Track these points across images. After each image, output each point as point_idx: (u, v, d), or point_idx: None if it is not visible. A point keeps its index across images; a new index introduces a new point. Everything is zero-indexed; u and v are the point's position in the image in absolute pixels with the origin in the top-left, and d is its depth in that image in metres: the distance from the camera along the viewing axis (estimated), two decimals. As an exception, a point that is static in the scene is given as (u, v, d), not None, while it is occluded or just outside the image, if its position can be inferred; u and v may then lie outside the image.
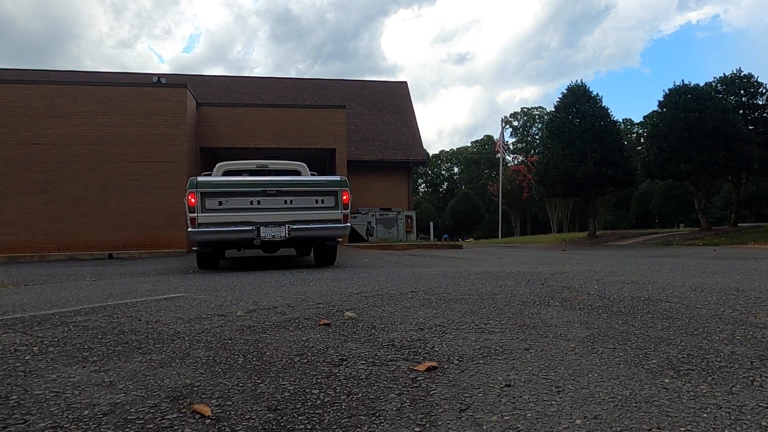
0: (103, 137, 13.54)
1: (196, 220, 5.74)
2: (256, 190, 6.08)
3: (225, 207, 5.90)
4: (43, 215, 13.19)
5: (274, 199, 6.09)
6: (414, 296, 3.01)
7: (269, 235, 5.95)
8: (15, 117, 13.26)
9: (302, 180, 6.60)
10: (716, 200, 38.16)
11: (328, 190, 6.34)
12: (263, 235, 5.92)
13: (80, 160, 13.41)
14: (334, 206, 6.29)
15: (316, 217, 6.20)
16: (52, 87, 13.90)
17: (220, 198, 5.90)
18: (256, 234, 5.89)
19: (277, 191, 6.11)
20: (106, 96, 13.82)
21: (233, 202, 5.97)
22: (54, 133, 13.41)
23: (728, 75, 22.62)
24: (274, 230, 6.00)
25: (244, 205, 6.01)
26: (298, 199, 6.20)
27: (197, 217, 5.74)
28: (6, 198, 13.09)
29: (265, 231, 5.95)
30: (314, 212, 6.22)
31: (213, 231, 5.84)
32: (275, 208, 6.07)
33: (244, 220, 5.94)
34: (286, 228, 6.02)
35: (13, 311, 2.76)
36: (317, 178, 6.77)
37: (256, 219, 5.96)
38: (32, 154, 13.24)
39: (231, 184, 6.11)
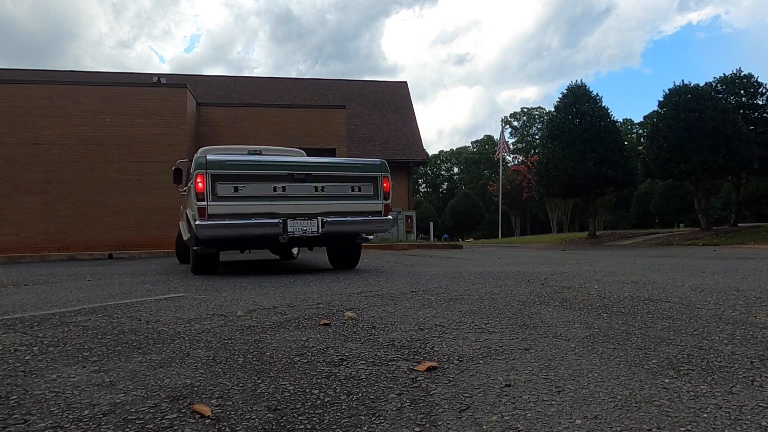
0: (103, 137, 13.54)
1: (205, 209, 4.51)
2: (280, 173, 4.87)
3: (242, 194, 4.70)
4: (43, 215, 13.20)
5: (302, 185, 4.92)
6: (414, 296, 3.01)
7: (299, 230, 4.80)
8: (15, 117, 13.26)
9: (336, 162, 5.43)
10: (716, 200, 38.15)
11: (367, 175, 5.23)
12: (291, 229, 4.75)
13: (80, 160, 13.41)
14: (373, 195, 5.23)
15: (352, 208, 5.12)
16: (52, 87, 13.91)
17: (236, 182, 4.67)
18: (282, 228, 4.72)
19: (306, 175, 4.93)
20: (106, 96, 13.82)
21: (252, 188, 4.76)
22: (54, 133, 13.42)
23: (728, 75, 22.61)
24: (305, 224, 4.83)
25: (266, 191, 4.81)
26: (331, 186, 5.06)
27: (207, 206, 4.51)
28: (6, 198, 13.10)
29: (293, 225, 4.78)
30: (350, 202, 5.14)
31: (228, 225, 4.61)
32: (304, 197, 4.93)
33: (267, 211, 4.76)
34: (318, 221, 4.86)
35: (13, 311, 2.76)
36: (353, 160, 5.61)
37: (281, 210, 4.80)
38: (32, 154, 13.24)
39: (250, 165, 4.92)
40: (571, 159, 21.17)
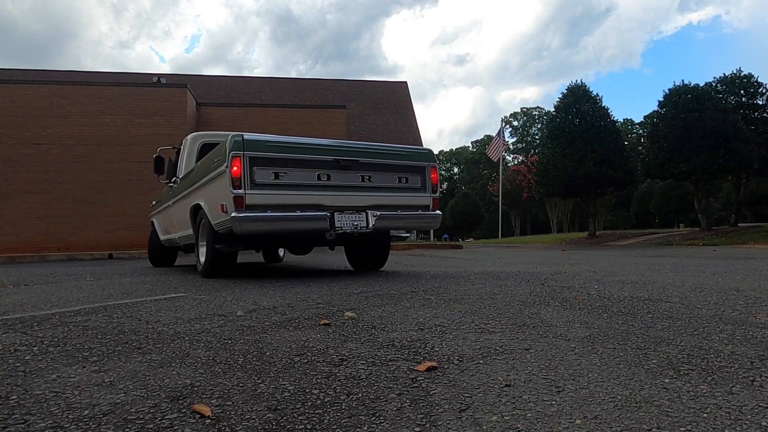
0: (103, 137, 13.55)
1: (243, 199, 3.88)
2: (326, 158, 4.26)
3: (283, 181, 4.08)
4: (43, 215, 13.20)
5: (348, 173, 4.36)
6: (414, 296, 3.01)
7: (349, 225, 4.22)
8: (15, 117, 13.26)
9: (384, 148, 4.79)
10: (716, 200, 38.15)
11: (415, 164, 4.74)
12: (339, 224, 4.17)
13: (80, 160, 13.42)
14: (421, 187, 4.77)
15: (400, 201, 4.63)
16: (52, 87, 13.91)
17: (277, 167, 4.05)
18: (330, 223, 4.14)
19: (353, 162, 4.36)
20: (106, 96, 13.82)
21: (294, 175, 4.13)
22: (54, 133, 13.42)
23: (728, 75, 22.61)
24: (354, 218, 4.26)
25: (310, 179, 4.20)
26: (378, 176, 4.53)
27: (245, 195, 3.89)
28: (6, 198, 13.10)
29: (340, 219, 4.20)
30: (398, 195, 4.65)
31: (271, 218, 3.98)
32: (351, 187, 4.38)
33: (312, 203, 4.16)
34: (367, 215, 4.32)
35: (13, 311, 2.76)
36: (401, 147, 5.00)
37: (327, 201, 4.22)
38: (32, 154, 13.25)
39: (294, 147, 4.22)
40: (571, 159, 21.17)
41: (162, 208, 6.91)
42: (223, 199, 4.03)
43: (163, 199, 6.86)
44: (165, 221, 6.88)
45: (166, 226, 6.91)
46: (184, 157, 5.99)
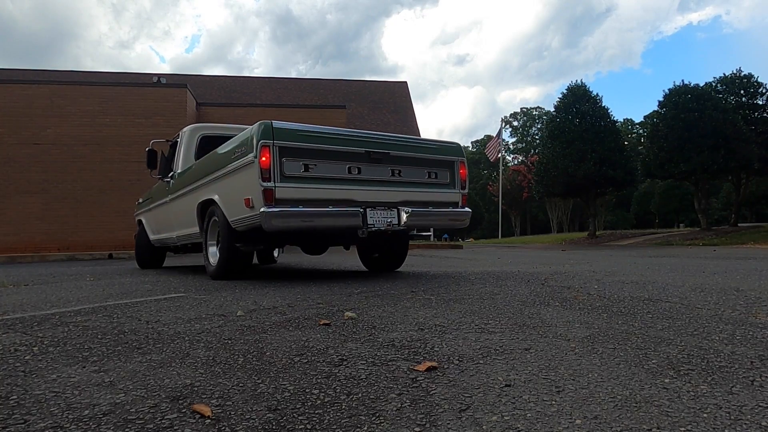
0: (103, 137, 13.55)
1: (273, 192, 3.58)
2: (356, 150, 3.98)
3: (313, 174, 3.80)
4: (43, 215, 13.20)
5: (378, 167, 4.10)
6: (414, 296, 3.01)
7: (382, 222, 3.94)
8: (15, 117, 13.26)
9: (414, 141, 4.50)
10: (716, 200, 38.14)
11: (444, 159, 4.52)
12: (371, 221, 3.89)
13: (80, 160, 13.42)
14: (450, 183, 4.54)
15: (429, 197, 4.39)
16: (51, 87, 13.92)
17: (306, 159, 3.76)
18: (362, 220, 3.86)
19: (383, 155, 4.09)
20: (106, 96, 13.83)
21: (325, 167, 3.86)
22: (54, 133, 13.42)
23: (728, 75, 22.62)
24: (386, 215, 3.98)
25: (340, 173, 3.92)
26: (408, 170, 4.27)
27: (275, 188, 3.59)
28: (6, 198, 13.10)
29: (373, 216, 3.91)
30: (427, 190, 4.40)
31: (303, 213, 3.68)
32: (381, 181, 4.12)
33: (343, 198, 3.89)
34: (399, 212, 4.06)
35: (13, 311, 2.76)
36: (429, 140, 4.69)
37: (358, 196, 3.95)
38: (32, 154, 13.25)
39: (325, 137, 3.92)
40: (571, 159, 21.18)
41: (154, 205, 6.43)
42: (249, 192, 3.69)
43: (156, 196, 6.38)
44: (158, 220, 6.38)
45: (158, 224, 6.39)
46: (181, 150, 5.64)
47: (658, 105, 21.47)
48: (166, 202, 5.86)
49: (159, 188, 6.26)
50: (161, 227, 6.28)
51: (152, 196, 6.63)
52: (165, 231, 6.13)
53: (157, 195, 6.31)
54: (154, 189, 6.60)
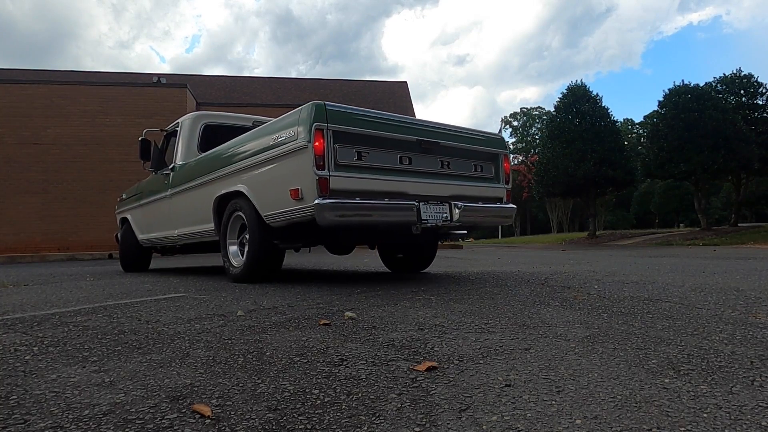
0: (103, 137, 13.55)
1: (328, 182, 3.21)
2: (408, 138, 3.66)
3: (366, 163, 3.45)
4: (43, 215, 13.20)
5: (428, 158, 3.80)
6: (414, 296, 3.01)
7: (435, 218, 3.63)
8: (15, 117, 13.27)
9: (463, 131, 4.16)
10: (716, 200, 38.15)
11: (489, 151, 4.26)
12: (425, 217, 3.57)
13: (80, 160, 13.43)
14: (494, 177, 4.29)
15: (476, 191, 4.09)
16: (51, 87, 13.92)
17: (359, 146, 3.42)
18: (417, 215, 3.53)
19: (433, 144, 3.79)
20: (106, 96, 13.83)
21: (377, 156, 3.52)
22: (54, 133, 13.43)
23: (728, 75, 22.63)
24: (439, 210, 3.67)
25: (392, 162, 3.59)
26: (457, 162, 3.99)
27: (329, 177, 3.22)
28: (6, 198, 13.10)
29: (427, 211, 3.60)
30: (475, 185, 4.11)
31: (361, 206, 3.33)
32: (432, 173, 3.81)
33: (396, 190, 3.55)
34: (451, 207, 3.75)
35: (13, 311, 2.76)
36: (475, 131, 4.35)
37: (410, 189, 3.63)
38: (32, 154, 13.26)
39: (379, 123, 3.57)
40: (571, 159, 21.18)
41: (146, 201, 5.91)
42: (297, 182, 3.32)
43: (148, 191, 5.88)
44: (151, 217, 5.84)
45: (152, 222, 5.84)
46: (182, 140, 5.24)
47: (658, 105, 21.48)
48: (164, 197, 5.40)
49: (153, 182, 5.78)
50: (156, 225, 5.74)
51: (142, 191, 6.11)
52: (161, 229, 5.58)
53: (150, 189, 5.82)
54: (145, 183, 6.09)
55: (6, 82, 14.05)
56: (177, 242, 5.33)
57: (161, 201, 5.49)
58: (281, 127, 3.57)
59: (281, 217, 3.55)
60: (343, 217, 3.26)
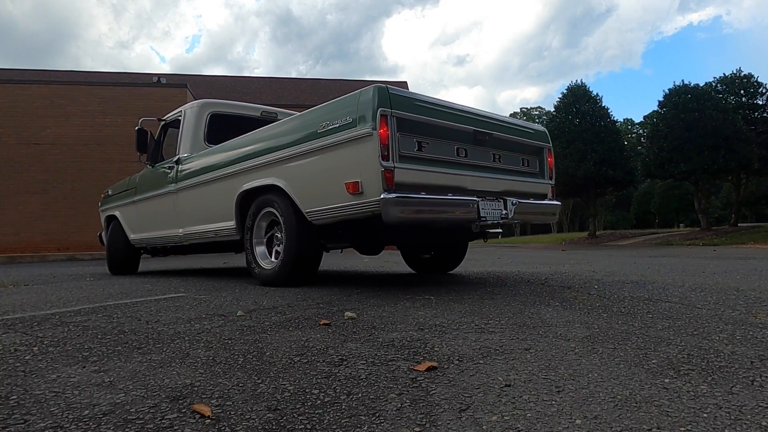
0: (103, 137, 13.55)
1: (392, 174, 2.91)
2: (465, 129, 3.41)
3: (426, 155, 3.17)
4: (43, 215, 13.21)
5: (481, 150, 3.55)
6: (414, 296, 3.01)
7: (494, 216, 3.39)
8: (15, 117, 13.27)
9: (511, 123, 3.95)
10: (716, 200, 38.16)
11: (535, 145, 4.03)
12: (484, 214, 3.31)
13: (80, 160, 13.43)
14: (539, 172, 4.08)
15: (524, 187, 3.87)
16: (52, 87, 13.92)
17: (420, 136, 3.15)
18: (476, 212, 3.27)
19: (487, 136, 3.54)
20: (106, 96, 13.83)
21: (436, 147, 3.24)
22: (54, 133, 13.43)
23: (728, 75, 22.63)
24: (496, 206, 3.43)
25: (449, 155, 3.33)
26: (507, 156, 3.76)
27: (394, 169, 2.92)
28: (6, 198, 13.11)
29: (485, 207, 3.34)
30: (524, 180, 3.89)
31: (429, 201, 3.05)
32: (486, 168, 3.57)
33: (454, 184, 3.29)
34: (506, 204, 3.51)
35: (13, 311, 2.76)
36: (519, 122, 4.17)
37: (468, 183, 3.37)
38: (32, 154, 13.26)
39: (441, 111, 3.31)
40: (571, 159, 21.18)
41: (142, 197, 5.41)
42: (355, 174, 3.00)
43: (145, 186, 5.40)
44: (148, 214, 5.35)
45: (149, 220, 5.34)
46: (186, 130, 4.83)
47: (658, 105, 21.49)
48: (167, 192, 4.91)
49: (151, 176, 5.31)
50: (155, 223, 5.24)
51: (136, 186, 5.60)
52: (163, 228, 5.10)
53: (148, 185, 5.33)
54: (140, 178, 5.59)
55: (6, 82, 14.05)
56: (181, 242, 4.91)
57: (163, 197, 5.02)
58: (332, 114, 3.21)
59: (330, 214, 3.21)
60: (409, 214, 2.96)
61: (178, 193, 4.78)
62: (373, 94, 2.99)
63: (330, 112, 3.26)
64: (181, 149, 4.84)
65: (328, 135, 3.20)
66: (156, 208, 5.19)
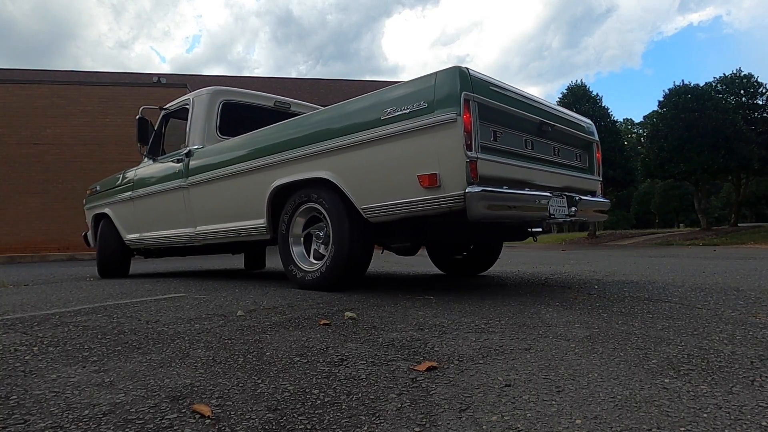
0: (103, 137, 13.55)
1: (476, 165, 2.65)
2: (532, 119, 3.19)
3: (500, 145, 2.94)
4: (43, 215, 13.20)
5: (544, 143, 3.35)
6: (414, 296, 3.01)
7: (560, 212, 3.18)
8: (15, 117, 13.27)
9: (568, 115, 3.70)
10: (716, 200, 38.16)
11: (586, 139, 3.81)
12: (553, 210, 3.09)
13: (80, 160, 13.43)
14: (589, 168, 3.88)
15: (581, 184, 3.66)
16: (52, 87, 13.92)
17: (495, 125, 2.92)
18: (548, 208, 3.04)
19: (549, 128, 3.32)
20: (106, 96, 13.83)
21: (508, 138, 3.03)
22: (54, 133, 13.43)
23: (728, 75, 22.63)
24: (560, 203, 3.20)
25: (518, 146, 3.12)
26: (564, 150, 3.57)
27: (477, 160, 2.66)
28: (6, 198, 13.10)
29: (553, 204, 3.12)
30: (578, 175, 3.68)
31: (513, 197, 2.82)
32: (549, 162, 3.38)
33: (525, 178, 3.07)
34: (569, 200, 3.30)
35: (13, 311, 2.76)
36: (574, 114, 3.87)
37: (535, 177, 3.16)
38: (32, 154, 13.26)
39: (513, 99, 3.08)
40: (571, 159, 21.16)
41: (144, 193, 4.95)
42: (433, 166, 2.70)
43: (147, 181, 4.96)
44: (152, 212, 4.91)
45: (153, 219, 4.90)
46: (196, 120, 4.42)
47: (658, 105, 21.50)
48: (177, 188, 4.46)
49: (153, 170, 4.90)
50: (158, 222, 4.83)
51: (133, 181, 5.16)
52: (171, 227, 4.69)
53: (151, 179, 4.90)
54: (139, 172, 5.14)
55: (6, 82, 14.05)
56: (192, 242, 4.49)
57: (170, 193, 4.58)
58: (399, 99, 2.89)
59: (394, 210, 2.90)
60: (494, 210, 2.68)
61: (190, 189, 4.35)
62: (455, 76, 2.68)
63: (395, 96, 2.92)
64: (191, 141, 4.42)
65: (394, 122, 2.86)
66: (161, 205, 4.76)
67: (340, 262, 3.19)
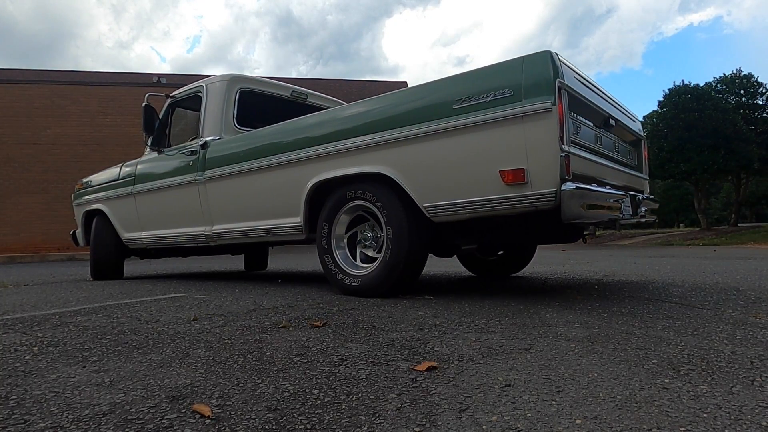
0: (103, 137, 13.55)
1: (569, 161, 2.40)
2: (601, 113, 2.97)
3: (580, 140, 2.71)
4: (43, 215, 13.20)
5: (608, 138, 3.13)
6: (414, 296, 3.01)
7: (627, 212, 2.96)
8: (15, 117, 13.27)
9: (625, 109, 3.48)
10: (716, 200, 38.17)
11: (637, 135, 3.60)
12: (624, 211, 2.88)
13: (80, 160, 13.43)
14: (638, 166, 3.65)
15: (634, 182, 3.45)
16: (52, 87, 13.92)
17: (577, 117, 2.71)
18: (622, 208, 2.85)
19: (614, 122, 3.09)
20: (106, 96, 13.83)
21: (585, 132, 2.81)
22: (54, 133, 13.43)
23: (728, 75, 22.63)
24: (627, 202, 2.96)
25: (590, 141, 2.87)
26: (622, 147, 3.38)
27: (570, 155, 2.42)
28: (6, 198, 13.11)
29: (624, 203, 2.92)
30: (632, 173, 3.46)
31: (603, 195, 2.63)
32: (612, 159, 3.15)
33: (600, 176, 2.83)
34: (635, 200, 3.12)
35: (13, 311, 2.76)
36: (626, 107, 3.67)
37: (605, 175, 2.91)
38: (32, 154, 13.26)
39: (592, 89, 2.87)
40: (571, 159, 21.16)
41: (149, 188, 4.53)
42: (520, 160, 2.43)
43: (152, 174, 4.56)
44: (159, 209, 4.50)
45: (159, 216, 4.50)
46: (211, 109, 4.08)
47: (658, 105, 21.50)
48: (192, 182, 4.07)
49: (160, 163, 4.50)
50: (166, 220, 4.44)
51: (135, 175, 4.73)
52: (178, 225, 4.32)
53: (156, 173, 4.50)
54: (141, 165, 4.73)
55: (6, 82, 14.05)
56: (206, 242, 4.13)
57: (182, 188, 4.18)
58: (475, 85, 2.59)
59: (467, 209, 2.64)
60: (588, 209, 2.44)
61: (207, 184, 3.97)
62: (547, 61, 2.40)
63: (471, 83, 2.62)
64: (206, 131, 4.06)
65: (470, 112, 2.57)
66: (170, 201, 4.35)
67: (396, 265, 2.88)
